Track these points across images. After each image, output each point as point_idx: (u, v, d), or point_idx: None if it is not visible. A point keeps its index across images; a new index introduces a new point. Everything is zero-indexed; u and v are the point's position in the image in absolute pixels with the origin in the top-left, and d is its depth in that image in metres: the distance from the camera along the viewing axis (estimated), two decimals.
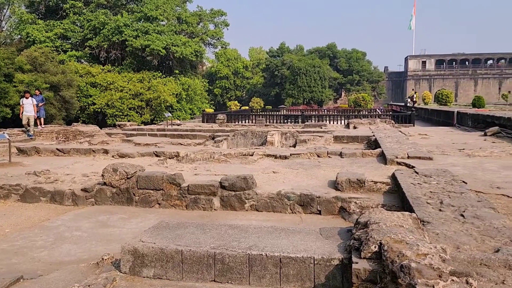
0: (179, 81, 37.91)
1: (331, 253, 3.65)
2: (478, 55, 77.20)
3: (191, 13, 41.34)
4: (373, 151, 10.08)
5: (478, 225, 4.25)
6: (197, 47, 38.87)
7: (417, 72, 78.33)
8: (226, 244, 3.89)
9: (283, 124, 21.42)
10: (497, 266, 3.20)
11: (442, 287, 2.61)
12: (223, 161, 9.45)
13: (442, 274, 2.70)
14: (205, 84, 45.73)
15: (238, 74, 62.69)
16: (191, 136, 15.92)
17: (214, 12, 42.65)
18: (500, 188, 6.20)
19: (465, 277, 2.68)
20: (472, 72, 76.63)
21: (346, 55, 67.05)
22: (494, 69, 76.58)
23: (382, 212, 4.05)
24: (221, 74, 60.62)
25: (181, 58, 38.01)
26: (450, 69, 77.78)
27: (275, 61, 61.85)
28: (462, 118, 20.75)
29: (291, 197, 6.54)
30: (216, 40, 43.16)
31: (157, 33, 36.60)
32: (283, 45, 66.57)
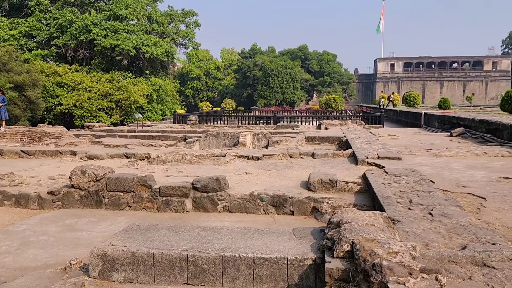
0: (150, 81, 37.38)
1: (304, 253, 3.67)
2: (443, 58, 79.66)
3: (161, 13, 40.86)
4: (344, 152, 10.22)
5: (445, 223, 4.36)
6: (168, 47, 38.45)
7: (386, 74, 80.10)
8: (199, 246, 3.84)
9: (255, 125, 21.44)
10: (464, 263, 3.28)
11: (412, 284, 2.65)
12: (195, 163, 9.36)
13: (412, 272, 2.75)
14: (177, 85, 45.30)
15: (210, 75, 62.42)
16: (162, 138, 15.71)
17: (185, 12, 42.30)
18: (466, 187, 6.40)
19: (434, 274, 2.74)
20: (438, 75, 79.00)
21: (317, 57, 67.82)
22: (459, 72, 79.22)
23: (354, 212, 4.10)
24: (193, 75, 60.20)
25: (152, 58, 37.49)
26: (417, 72, 79.94)
27: (247, 62, 61.89)
28: (429, 119, 21.34)
29: (264, 198, 6.53)
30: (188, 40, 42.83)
31: (127, 33, 35.97)
32: (255, 46, 66.70)
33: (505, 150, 10.05)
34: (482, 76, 77.38)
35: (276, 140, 13.42)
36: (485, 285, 2.91)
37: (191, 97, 61.16)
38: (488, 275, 3.06)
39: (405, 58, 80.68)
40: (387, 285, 2.66)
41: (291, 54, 67.21)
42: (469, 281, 2.99)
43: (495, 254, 3.33)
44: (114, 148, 12.21)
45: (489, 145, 11.42)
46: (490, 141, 12.22)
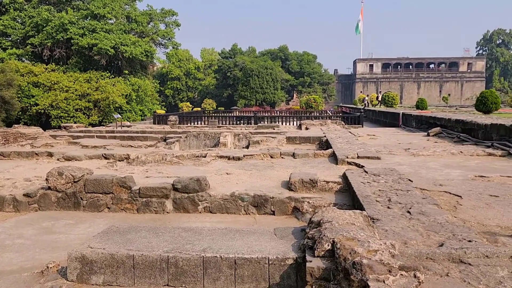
0: (129, 81, 36.88)
1: (286, 253, 3.68)
2: (421, 59, 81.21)
3: (141, 12, 40.36)
4: (324, 152, 10.30)
5: (423, 221, 4.44)
6: (148, 47, 38.01)
7: (365, 75, 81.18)
8: (179, 247, 3.81)
9: (235, 126, 21.42)
10: (442, 260, 3.35)
11: (392, 281, 2.69)
12: (175, 163, 9.28)
13: (391, 269, 2.79)
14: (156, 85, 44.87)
15: (190, 75, 62.08)
16: (142, 138, 15.53)
17: (165, 11, 41.90)
18: (443, 185, 6.53)
19: (413, 271, 2.79)
20: (415, 76, 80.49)
21: (297, 57, 68.23)
22: (435, 73, 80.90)
23: (334, 211, 4.13)
24: (173, 75, 59.76)
25: (131, 58, 37.00)
26: (396, 73, 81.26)
27: (227, 63, 61.83)
28: (407, 119, 21.70)
29: (245, 198, 6.53)
30: (167, 40, 42.44)
31: (105, 32, 35.41)
32: (236, 47, 66.69)
33: (480, 149, 10.30)
34: (458, 77, 79.21)
35: (257, 140, 13.43)
36: (461, 281, 2.98)
37: (171, 97, 60.70)
38: (465, 271, 3.13)
39: (383, 59, 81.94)
40: (367, 283, 2.69)
41: (271, 54, 67.45)
42: (446, 277, 3.05)
43: (471, 251, 3.41)
44: (92, 149, 12.01)
45: (464, 145, 11.68)
46: (465, 140, 12.50)
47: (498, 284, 2.90)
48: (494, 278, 2.99)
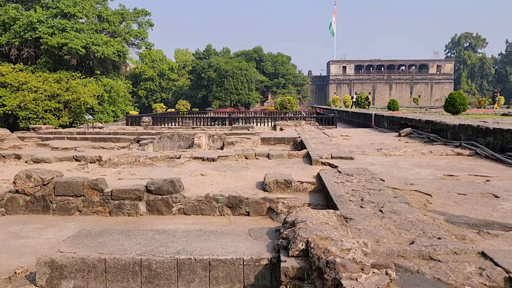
0: (101, 82, 36.16)
1: (260, 253, 3.68)
2: (392, 62, 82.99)
3: (112, 12, 39.66)
4: (299, 152, 10.38)
5: (395, 220, 4.53)
6: (120, 47, 37.38)
7: (338, 76, 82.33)
8: (153, 250, 3.76)
9: (210, 127, 21.32)
10: (412, 257, 3.43)
11: (364, 279, 2.73)
12: (149, 165, 9.16)
13: (364, 267, 2.83)
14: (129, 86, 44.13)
15: (163, 75, 61.41)
16: (114, 140, 15.26)
17: (137, 11, 41.33)
18: (413, 184, 6.69)
19: (384, 268, 2.84)
20: (387, 77, 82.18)
21: (272, 58, 68.53)
22: (406, 75, 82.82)
23: (308, 211, 4.17)
24: (146, 75, 58.96)
25: (103, 58, 36.30)
26: (368, 74, 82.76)
27: (201, 63, 61.52)
28: (379, 120, 22.12)
29: (219, 200, 6.50)
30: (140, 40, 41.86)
31: (76, 31, 34.62)
32: (210, 47, 66.43)
33: (449, 149, 10.59)
34: (428, 79, 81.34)
35: (232, 141, 13.41)
36: (431, 277, 3.05)
37: (145, 98, 59.88)
38: (434, 267, 3.21)
39: (356, 61, 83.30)
40: (340, 281, 2.72)
41: (246, 55, 67.52)
42: (417, 274, 3.12)
43: (440, 248, 3.50)
44: (62, 151, 11.71)
45: (434, 145, 11.99)
46: (435, 140, 12.84)
47: (466, 279, 2.98)
48: (462, 273, 3.08)
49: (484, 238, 4.02)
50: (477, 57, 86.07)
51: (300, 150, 11.01)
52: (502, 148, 9.53)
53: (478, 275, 3.04)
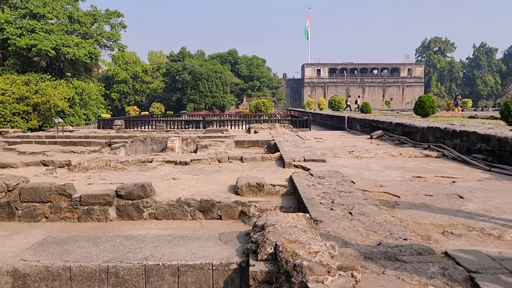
0: (72, 84, 35.40)
1: (230, 258, 3.67)
2: (365, 65, 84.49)
3: (84, 13, 38.94)
4: (272, 155, 10.41)
5: (363, 221, 4.61)
6: (92, 49, 36.71)
7: (313, 79, 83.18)
8: (120, 256, 3.69)
9: (184, 130, 21.16)
10: (379, 258, 3.49)
11: (330, 282, 2.77)
12: (120, 169, 9.01)
13: (330, 270, 2.87)
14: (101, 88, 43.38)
15: (137, 78, 60.57)
16: (85, 143, 14.94)
17: (110, 12, 40.71)
18: (383, 186, 6.82)
19: (350, 270, 2.88)
20: (360, 81, 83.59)
21: (247, 61, 68.65)
22: (379, 78, 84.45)
23: (278, 214, 4.19)
24: (119, 78, 58.01)
25: (74, 60, 35.56)
26: (342, 77, 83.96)
27: (176, 66, 61.04)
28: (352, 123, 22.46)
29: (191, 204, 6.45)
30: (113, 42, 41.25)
31: (46, 32, 33.80)
32: (184, 50, 66.01)
33: (418, 151, 10.85)
34: (399, 82, 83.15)
35: (205, 145, 13.34)
36: (396, 278, 3.11)
37: (118, 101, 58.89)
38: (399, 268, 3.28)
39: (330, 64, 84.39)
40: (307, 284, 2.74)
41: (220, 58, 67.43)
42: (383, 275, 3.18)
43: (406, 249, 3.58)
44: (30, 156, 11.39)
45: (404, 147, 12.26)
46: (405, 142, 13.13)
47: (429, 279, 3.06)
48: (426, 274, 3.15)
49: (448, 238, 4.13)
50: (446, 61, 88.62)
51: (274, 153, 11.05)
52: (468, 150, 9.83)
53: (441, 275, 3.13)
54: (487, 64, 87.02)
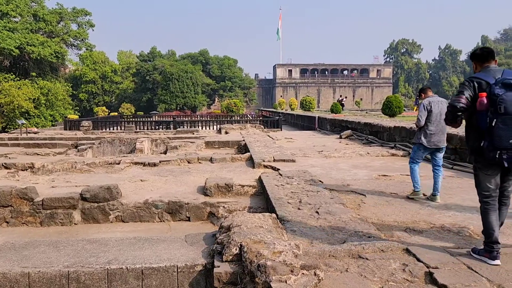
0: (37, 84, 34.29)
1: (195, 260, 3.65)
2: (335, 66, 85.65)
3: (49, 11, 37.83)
4: (242, 156, 10.41)
5: (329, 220, 4.67)
6: (58, 48, 35.70)
7: (285, 79, 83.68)
8: (82, 261, 3.60)
9: (154, 131, 20.88)
10: (343, 256, 3.54)
11: (293, 281, 2.79)
12: (86, 171, 8.80)
13: (294, 269, 2.89)
14: (69, 89, 42.17)
15: (106, 78, 59.24)
16: (50, 145, 14.51)
17: (77, 11, 39.70)
18: (350, 185, 6.93)
19: (313, 269, 2.91)
20: (331, 81, 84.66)
21: (218, 61, 68.36)
22: (349, 78, 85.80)
23: (244, 215, 4.18)
24: (87, 78, 56.55)
25: (39, 59, 34.49)
26: (313, 78, 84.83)
27: (146, 66, 60.12)
28: (322, 123, 22.73)
29: (159, 205, 6.37)
30: (80, 41, 40.24)
31: (9, 31, 32.64)
32: (155, 50, 65.11)
33: (385, 150, 11.10)
34: (369, 82, 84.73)
35: (175, 146, 13.21)
36: (359, 275, 3.17)
37: (86, 101, 57.43)
38: (362, 266, 3.33)
39: (301, 65, 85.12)
40: (270, 284, 2.75)
41: (192, 58, 66.89)
42: (346, 273, 3.22)
43: (369, 246, 3.65)
44: None
45: (372, 146, 12.51)
46: (373, 142, 13.40)
47: (390, 276, 3.13)
48: (387, 270, 3.22)
49: (410, 235, 4.24)
50: (413, 62, 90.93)
51: (244, 153, 11.05)
52: None
53: (402, 271, 3.20)
54: (452, 65, 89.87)
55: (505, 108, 3.18)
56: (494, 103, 3.22)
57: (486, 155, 3.32)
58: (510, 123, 3.18)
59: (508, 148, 3.20)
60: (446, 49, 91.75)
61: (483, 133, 3.32)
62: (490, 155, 3.29)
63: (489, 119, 3.26)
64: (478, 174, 3.50)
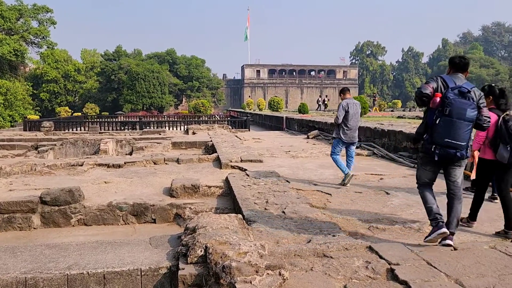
0: None
1: (159, 262, 3.58)
2: (303, 67, 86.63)
3: (8, 7, 36.36)
4: (209, 156, 10.34)
5: (295, 220, 4.70)
6: (17, 46, 34.39)
7: (253, 80, 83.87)
8: (40, 267, 3.47)
9: (119, 131, 20.44)
10: (308, 255, 3.57)
11: (258, 281, 2.78)
12: (46, 173, 8.49)
13: (259, 270, 2.88)
14: (29, 88, 40.68)
15: (69, 77, 57.43)
16: (8, 147, 13.93)
17: (37, 7, 38.34)
18: (316, 184, 7.01)
19: (278, 269, 2.92)
20: (298, 82, 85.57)
21: (185, 61, 67.68)
22: (316, 79, 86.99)
23: (210, 216, 4.15)
24: (49, 77, 54.63)
25: None
26: (281, 78, 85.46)
27: (111, 65, 58.76)
28: (290, 123, 22.93)
29: (123, 208, 6.23)
30: (41, 39, 38.90)
31: None
32: (120, 49, 63.73)
33: None
34: (335, 83, 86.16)
35: (141, 147, 12.97)
36: (323, 274, 3.20)
37: (48, 101, 55.47)
38: (327, 264, 3.37)
39: (269, 65, 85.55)
40: (235, 285, 2.74)
41: (158, 57, 65.94)
42: (311, 272, 3.25)
43: (333, 245, 3.70)
44: None
45: None
46: None
47: (354, 273, 3.18)
48: (351, 268, 3.27)
49: (374, 232, 4.33)
50: (378, 64, 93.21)
51: (211, 154, 10.98)
52: (395, 148, 10.39)
53: (365, 268, 3.26)
54: (414, 67, 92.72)
55: (450, 111, 3.62)
56: (444, 104, 3.65)
57: (424, 147, 3.84)
58: (449, 125, 3.63)
59: (442, 144, 3.67)
60: (409, 51, 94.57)
61: (428, 128, 3.81)
62: (427, 147, 3.79)
63: (435, 117, 3.71)
64: (419, 168, 4.06)
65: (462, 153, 3.70)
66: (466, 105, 3.63)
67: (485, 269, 3.19)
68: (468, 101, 3.65)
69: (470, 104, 3.65)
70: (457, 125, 3.62)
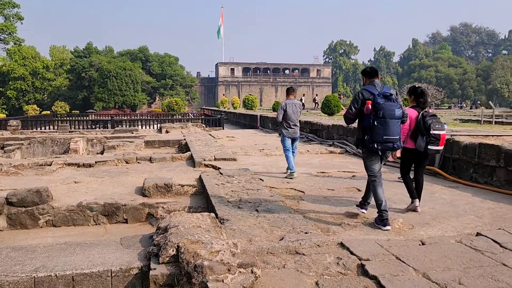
0: None
1: (130, 263, 3.53)
2: (277, 65, 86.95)
3: None
4: (183, 155, 10.25)
5: (269, 218, 4.72)
6: None
7: (227, 78, 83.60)
8: (6, 270, 3.36)
9: (90, 130, 20.00)
10: (280, 253, 3.59)
11: (230, 280, 2.78)
12: (12, 174, 8.23)
13: (231, 268, 2.88)
14: None
15: (37, 74, 55.72)
16: None
17: (3, 2, 37.13)
18: (290, 182, 7.06)
19: (250, 267, 2.92)
20: (273, 80, 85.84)
21: (158, 59, 66.77)
22: (290, 78, 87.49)
23: (182, 215, 4.12)
24: (16, 74, 52.82)
25: None
26: (255, 77, 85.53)
27: (82, 62, 57.36)
28: (264, 121, 22.96)
29: (94, 208, 6.10)
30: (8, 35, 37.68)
31: None
32: (90, 45, 62.30)
33: (323, 147, 11.44)
34: (309, 82, 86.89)
35: (113, 145, 12.72)
36: (295, 271, 3.22)
37: (15, 99, 53.65)
38: (299, 261, 3.40)
39: (244, 64, 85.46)
40: (207, 284, 2.72)
41: (131, 55, 64.79)
42: (283, 269, 3.27)
43: (305, 242, 3.73)
44: None
45: (311, 144, 12.84)
46: (313, 140, 13.76)
47: (325, 269, 3.22)
48: (323, 264, 3.31)
49: (345, 229, 4.39)
50: (351, 62, 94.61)
51: (185, 152, 10.89)
52: None
53: (336, 264, 3.30)
54: (386, 66, 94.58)
55: (383, 113, 4.30)
56: (376, 109, 4.33)
57: (367, 145, 4.49)
58: (384, 125, 4.32)
59: (381, 141, 4.36)
60: (381, 51, 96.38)
61: (367, 130, 4.47)
62: (369, 146, 4.45)
63: (372, 120, 4.38)
64: (365, 160, 4.70)
65: (398, 144, 4.44)
66: (394, 106, 4.34)
67: (451, 262, 3.29)
68: (394, 102, 4.36)
69: (396, 105, 4.37)
70: (390, 124, 4.32)
